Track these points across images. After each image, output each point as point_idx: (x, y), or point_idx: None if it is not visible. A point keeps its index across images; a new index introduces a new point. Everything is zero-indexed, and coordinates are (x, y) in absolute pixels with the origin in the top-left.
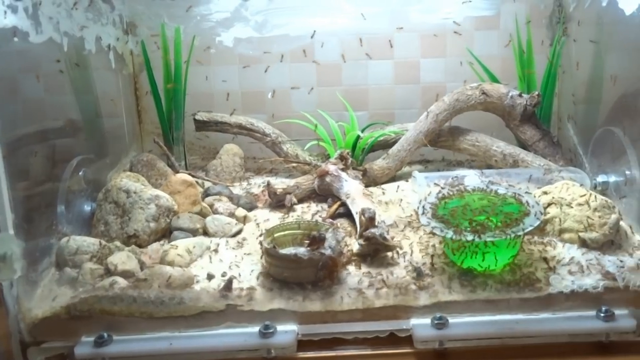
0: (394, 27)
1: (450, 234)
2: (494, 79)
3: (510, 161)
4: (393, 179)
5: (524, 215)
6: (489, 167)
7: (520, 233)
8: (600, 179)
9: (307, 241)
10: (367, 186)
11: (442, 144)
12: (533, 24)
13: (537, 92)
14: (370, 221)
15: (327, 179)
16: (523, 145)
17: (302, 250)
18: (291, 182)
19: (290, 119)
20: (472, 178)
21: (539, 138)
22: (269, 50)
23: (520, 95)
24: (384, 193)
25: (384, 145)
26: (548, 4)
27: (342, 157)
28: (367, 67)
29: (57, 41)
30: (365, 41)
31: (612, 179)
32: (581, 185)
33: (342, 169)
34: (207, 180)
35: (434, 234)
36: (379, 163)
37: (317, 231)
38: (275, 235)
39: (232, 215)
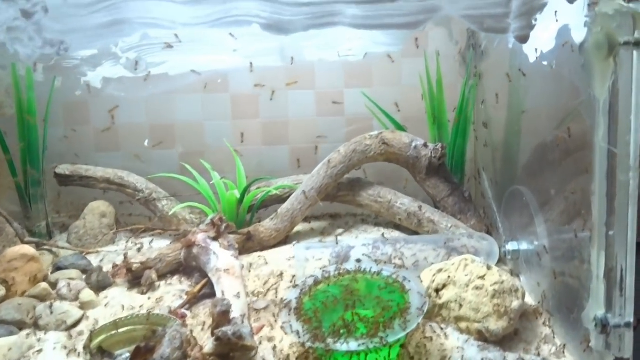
0: (289, 61)
1: (308, 339)
2: (399, 127)
3: (415, 221)
4: (285, 240)
5: (402, 312)
6: (395, 225)
7: (379, 345)
8: (511, 247)
9: (129, 353)
10: (252, 251)
11: (342, 199)
12: (449, 63)
13: (440, 144)
14: (223, 316)
15: (194, 250)
16: (433, 200)
17: None
18: (154, 253)
19: (169, 174)
20: (359, 250)
21: (448, 193)
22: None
23: (425, 146)
24: (266, 263)
25: (281, 200)
26: (461, 39)
27: (213, 224)
28: (287, 98)
29: None
30: (287, 71)
31: (524, 247)
32: (482, 261)
33: (214, 238)
34: (64, 247)
35: None
36: (266, 224)
37: (150, 335)
38: (106, 335)
39: (76, 298)
